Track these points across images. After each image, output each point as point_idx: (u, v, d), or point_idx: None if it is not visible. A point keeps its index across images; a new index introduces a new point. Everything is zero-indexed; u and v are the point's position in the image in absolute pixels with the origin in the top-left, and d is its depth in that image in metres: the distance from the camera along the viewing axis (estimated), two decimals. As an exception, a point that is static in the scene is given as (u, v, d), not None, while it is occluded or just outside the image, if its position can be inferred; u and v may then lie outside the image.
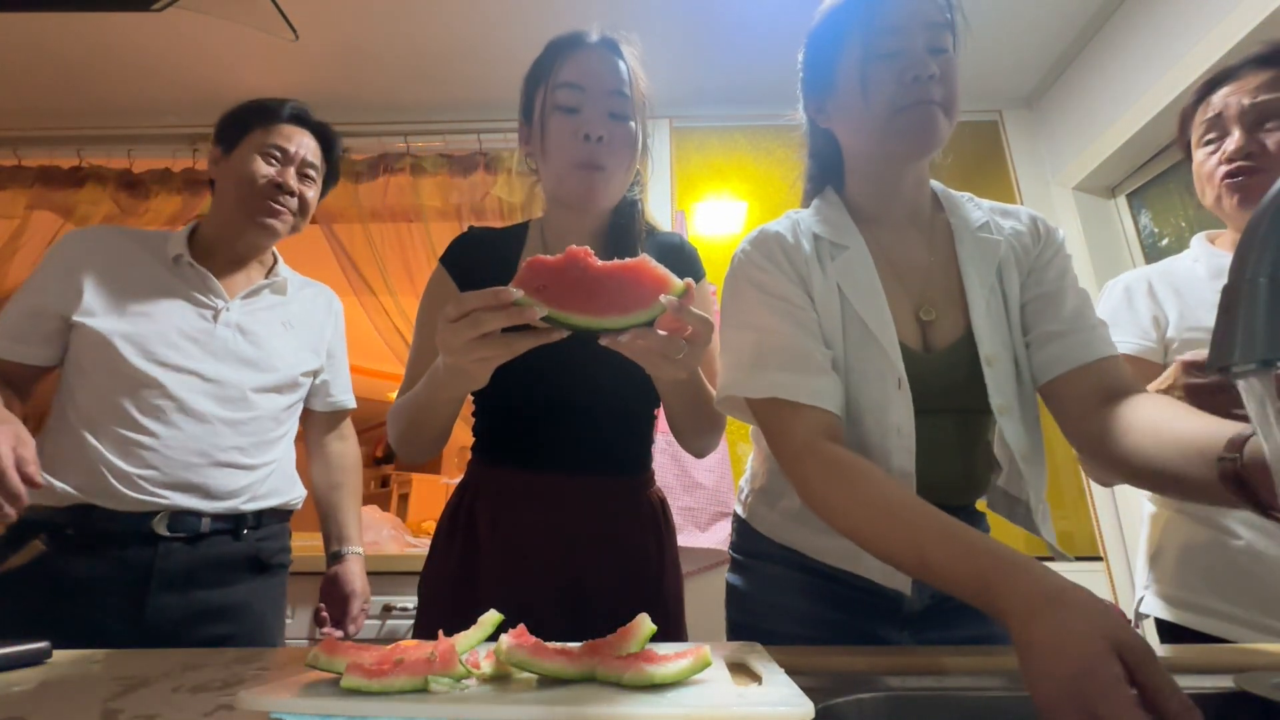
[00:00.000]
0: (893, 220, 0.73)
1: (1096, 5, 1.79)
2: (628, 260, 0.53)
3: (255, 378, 1.00)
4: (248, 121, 1.04)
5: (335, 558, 1.12)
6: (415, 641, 0.45)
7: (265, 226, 1.03)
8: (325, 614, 1.09)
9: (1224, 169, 0.89)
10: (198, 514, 0.92)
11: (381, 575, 1.42)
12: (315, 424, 1.18)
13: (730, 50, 1.96)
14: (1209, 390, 0.68)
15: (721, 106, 2.19)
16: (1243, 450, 0.46)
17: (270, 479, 1.01)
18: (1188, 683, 0.49)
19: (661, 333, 0.53)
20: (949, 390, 0.67)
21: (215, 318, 1.00)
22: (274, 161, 1.03)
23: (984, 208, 0.76)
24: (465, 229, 0.88)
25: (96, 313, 0.93)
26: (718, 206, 2.17)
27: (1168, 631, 0.92)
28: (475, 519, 0.78)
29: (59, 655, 0.56)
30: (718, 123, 2.23)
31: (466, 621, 0.46)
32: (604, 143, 0.75)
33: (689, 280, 0.52)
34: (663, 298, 0.50)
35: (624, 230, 0.84)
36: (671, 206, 2.12)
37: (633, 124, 0.78)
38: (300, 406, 1.12)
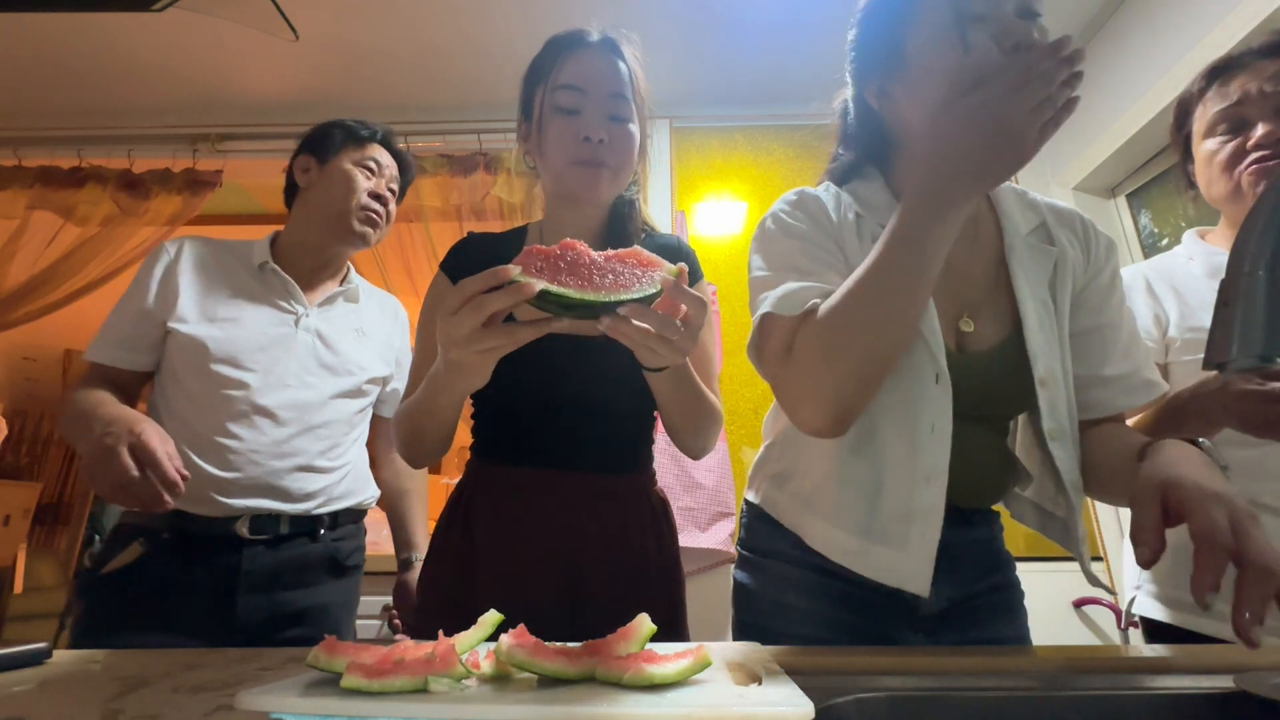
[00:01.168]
0: None
1: (1096, 5, 1.78)
2: (621, 250, 0.54)
3: (333, 383, 1.03)
4: (341, 138, 1.11)
5: (405, 565, 1.15)
6: (415, 641, 0.45)
7: (361, 234, 1.08)
8: (398, 620, 1.12)
9: (1253, 155, 0.85)
10: (276, 516, 0.94)
11: (381, 575, 1.42)
12: (384, 431, 1.19)
13: (730, 50, 1.96)
14: (1267, 399, 0.65)
15: (721, 106, 2.19)
16: (1142, 460, 0.53)
17: (344, 481, 1.03)
18: (1187, 683, 0.49)
19: (658, 312, 0.53)
20: (979, 397, 0.63)
21: (296, 323, 1.02)
22: (370, 174, 1.11)
23: (1039, 207, 0.70)
24: (465, 229, 0.88)
25: (189, 319, 0.96)
26: (717, 207, 2.17)
27: (1159, 633, 0.89)
28: (474, 517, 0.78)
29: (59, 655, 0.56)
30: (717, 123, 2.22)
31: (466, 621, 0.46)
32: (604, 145, 0.75)
33: (681, 265, 0.53)
34: (657, 274, 0.51)
35: (621, 230, 0.84)
36: (671, 207, 2.11)
37: (632, 126, 0.78)
38: (370, 410, 1.14)
